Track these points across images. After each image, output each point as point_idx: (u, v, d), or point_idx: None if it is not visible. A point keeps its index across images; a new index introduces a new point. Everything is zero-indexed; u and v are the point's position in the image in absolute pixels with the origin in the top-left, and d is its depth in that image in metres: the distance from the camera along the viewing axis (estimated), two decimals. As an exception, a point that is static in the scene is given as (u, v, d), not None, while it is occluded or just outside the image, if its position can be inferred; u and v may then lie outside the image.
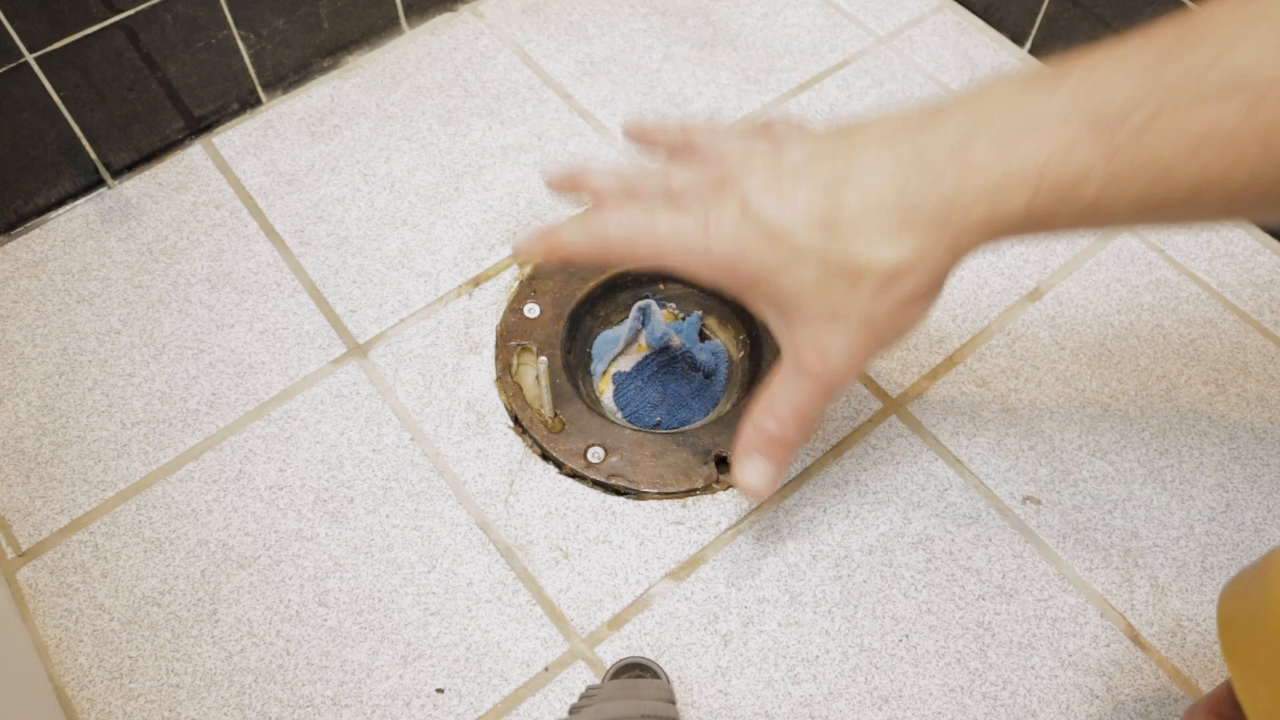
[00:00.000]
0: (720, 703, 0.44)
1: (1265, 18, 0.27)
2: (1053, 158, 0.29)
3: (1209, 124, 0.28)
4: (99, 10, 0.54)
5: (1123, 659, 0.45)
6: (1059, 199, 0.30)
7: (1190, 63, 0.28)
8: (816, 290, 0.33)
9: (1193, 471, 0.50)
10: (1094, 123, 0.29)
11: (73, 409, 0.52)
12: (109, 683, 0.45)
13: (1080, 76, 0.30)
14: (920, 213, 0.31)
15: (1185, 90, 0.28)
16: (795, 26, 0.68)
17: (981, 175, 0.30)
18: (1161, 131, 0.28)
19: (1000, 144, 0.30)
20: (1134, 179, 0.29)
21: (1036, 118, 0.30)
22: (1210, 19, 0.28)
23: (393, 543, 0.48)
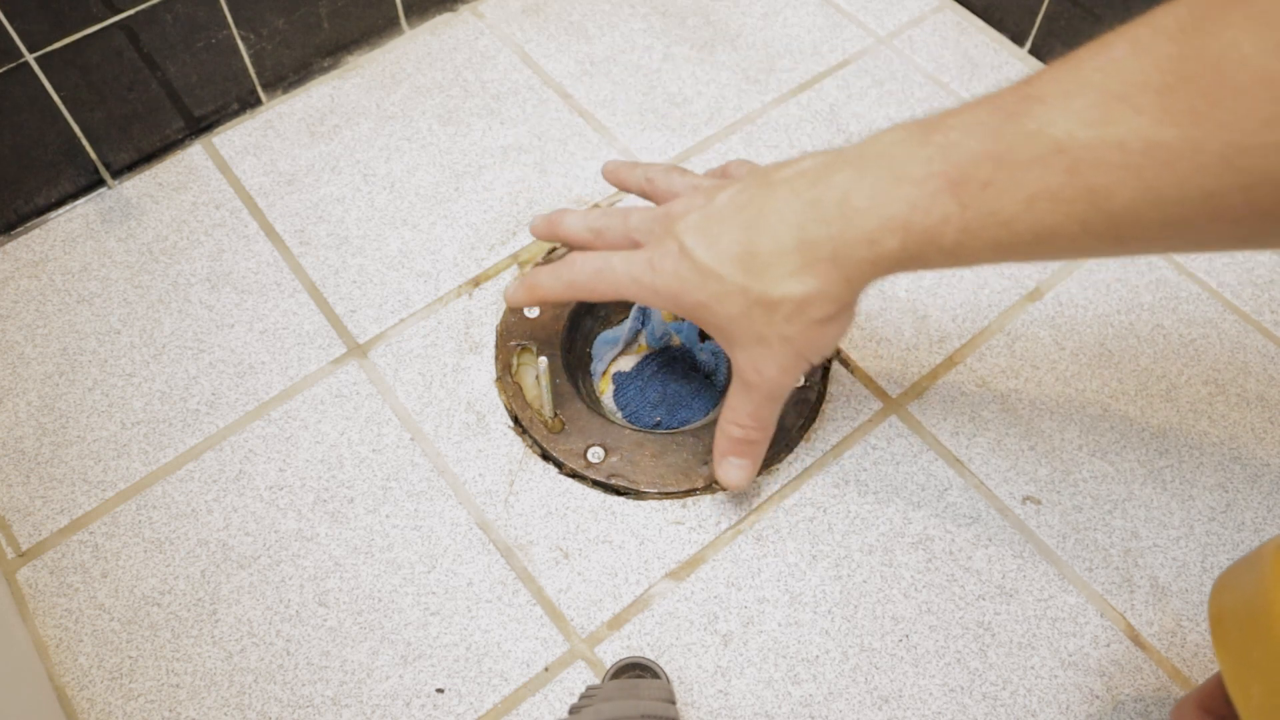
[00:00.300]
0: (720, 703, 0.44)
1: (1085, 87, 0.31)
2: (916, 209, 0.35)
3: (1039, 184, 0.32)
4: (99, 10, 0.54)
5: (1123, 659, 0.45)
6: (926, 243, 0.35)
7: (1024, 127, 0.32)
8: (743, 319, 0.40)
9: (1193, 471, 0.50)
10: (949, 180, 0.34)
11: (73, 409, 0.52)
12: (109, 683, 0.45)
13: (943, 133, 0.34)
14: (817, 254, 0.37)
15: (1020, 153, 0.32)
16: (795, 26, 0.68)
17: (861, 223, 0.36)
18: (1001, 189, 0.33)
19: (875, 196, 0.36)
20: (984, 228, 0.34)
21: (906, 173, 0.35)
22: (1045, 84, 0.32)
23: (393, 543, 0.48)
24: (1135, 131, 0.30)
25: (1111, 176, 0.31)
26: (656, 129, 0.63)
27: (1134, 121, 0.30)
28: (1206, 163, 0.29)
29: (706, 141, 0.62)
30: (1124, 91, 0.30)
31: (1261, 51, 0.27)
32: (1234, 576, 0.34)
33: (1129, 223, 0.32)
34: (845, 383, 0.53)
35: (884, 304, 0.56)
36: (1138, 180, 0.30)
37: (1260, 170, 0.28)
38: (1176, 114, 0.29)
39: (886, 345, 0.54)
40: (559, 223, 0.49)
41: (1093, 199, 0.31)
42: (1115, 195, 0.31)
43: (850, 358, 0.54)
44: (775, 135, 0.63)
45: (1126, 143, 0.30)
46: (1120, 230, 0.32)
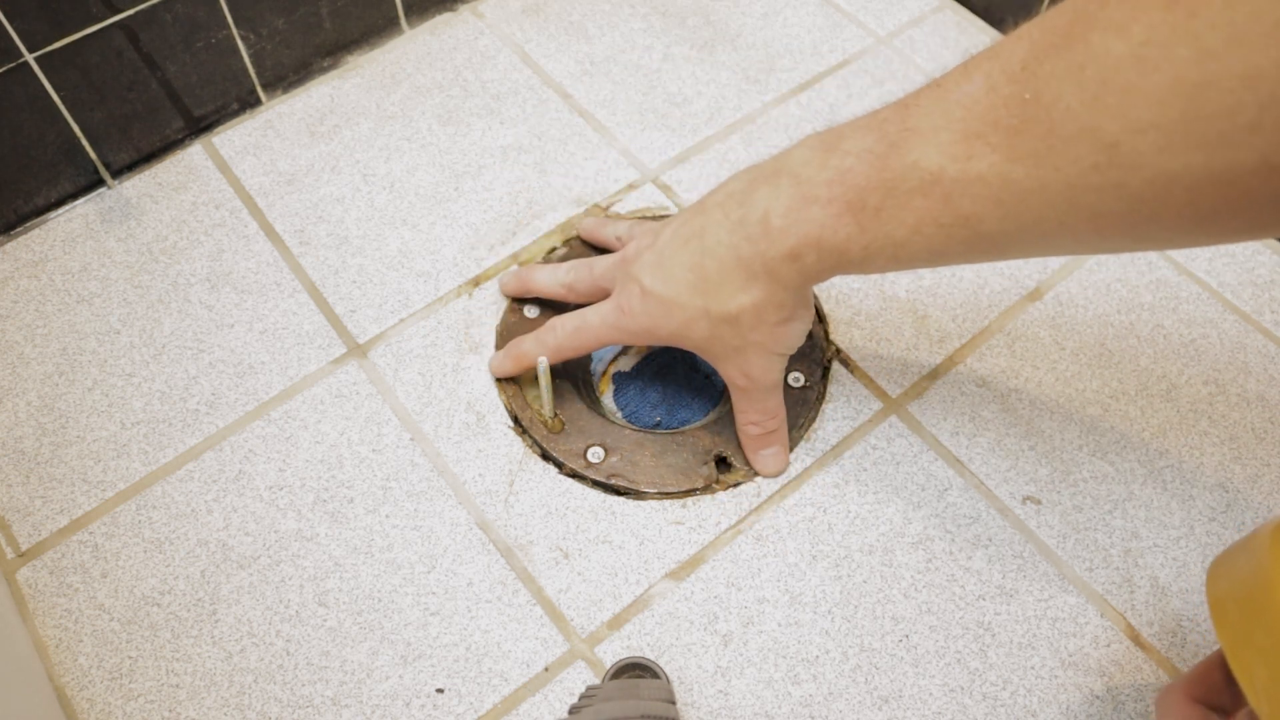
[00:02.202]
0: (720, 703, 0.44)
1: (950, 122, 0.34)
2: (824, 229, 0.38)
3: (921, 211, 0.35)
4: (99, 10, 0.54)
5: (1123, 659, 0.45)
6: (837, 257, 0.39)
7: (905, 159, 0.35)
8: (714, 336, 0.44)
9: (1193, 471, 0.50)
10: (848, 204, 0.37)
11: (73, 409, 0.52)
12: (109, 683, 0.45)
13: (839, 156, 0.37)
14: (754, 270, 0.41)
15: (903, 183, 0.35)
16: (795, 26, 0.68)
17: (782, 241, 0.39)
18: (891, 215, 0.36)
19: (788, 216, 0.39)
20: (882, 249, 0.37)
21: (813, 194, 0.38)
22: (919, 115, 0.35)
23: (393, 543, 0.48)
24: (992, 168, 0.33)
25: (978, 206, 0.34)
26: (656, 129, 0.63)
27: (990, 159, 0.33)
28: (1053, 199, 0.32)
29: (706, 141, 0.62)
30: (979, 130, 0.33)
31: (1082, 104, 0.30)
32: (1231, 560, 0.33)
33: (1003, 243, 0.35)
34: (845, 383, 0.53)
35: (884, 304, 0.56)
36: (1000, 210, 0.34)
37: (1098, 207, 0.32)
38: (1022, 155, 0.32)
39: (886, 345, 0.54)
40: (529, 279, 0.53)
41: (967, 224, 0.35)
42: (985, 221, 0.34)
43: (850, 358, 0.54)
44: (775, 135, 0.63)
45: (986, 178, 0.33)
46: (998, 248, 0.36)
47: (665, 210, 0.59)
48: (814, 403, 0.52)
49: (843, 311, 0.55)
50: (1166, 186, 0.30)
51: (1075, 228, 0.33)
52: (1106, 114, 0.30)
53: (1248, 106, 0.27)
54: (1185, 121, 0.28)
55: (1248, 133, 0.27)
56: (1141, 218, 0.31)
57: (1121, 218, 0.32)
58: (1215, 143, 0.28)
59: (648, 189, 0.60)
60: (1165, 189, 0.30)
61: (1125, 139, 0.29)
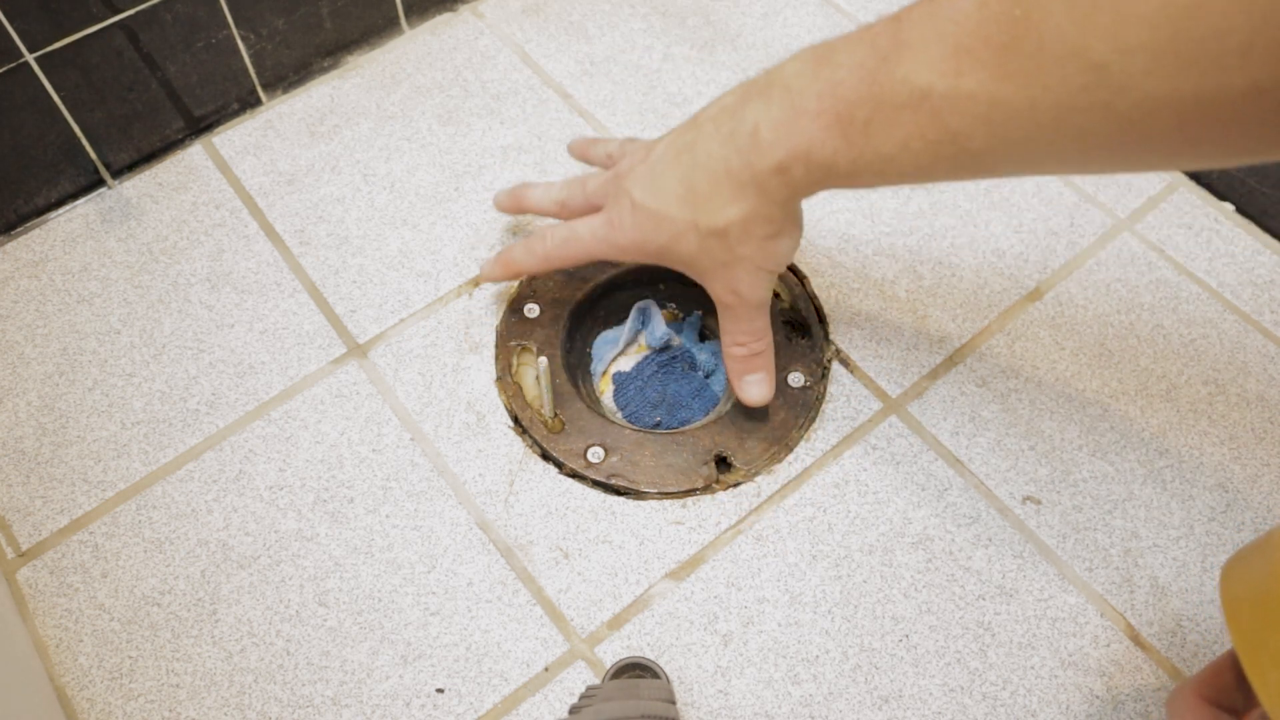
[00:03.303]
0: (720, 703, 0.44)
1: (940, 37, 0.34)
2: (813, 142, 0.38)
3: (910, 127, 0.35)
4: (99, 10, 0.54)
5: (1123, 659, 0.45)
6: (825, 171, 0.39)
7: (895, 73, 0.35)
8: (702, 251, 0.44)
9: (1193, 471, 0.50)
10: (836, 116, 0.37)
11: (73, 409, 0.52)
12: (109, 683, 0.45)
13: (831, 69, 0.37)
14: (742, 182, 0.41)
15: (893, 97, 0.35)
16: (795, 26, 0.68)
17: (771, 154, 0.40)
18: (880, 130, 0.36)
19: (778, 129, 0.39)
20: (870, 162, 0.37)
21: (803, 107, 0.38)
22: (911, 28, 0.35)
23: (393, 543, 0.48)
24: (981, 85, 0.33)
25: (966, 123, 0.34)
26: (656, 129, 0.63)
27: (980, 75, 0.33)
28: (1041, 119, 0.32)
29: (706, 141, 0.62)
30: (970, 45, 0.33)
31: (1071, 25, 0.30)
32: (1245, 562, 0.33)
33: (990, 161, 0.35)
34: (845, 383, 0.53)
35: (884, 304, 0.56)
36: (988, 128, 0.33)
37: (1086, 128, 0.31)
38: (1012, 73, 0.32)
39: (886, 345, 0.54)
40: (524, 196, 0.54)
41: (955, 141, 0.35)
42: (973, 139, 0.34)
43: (850, 358, 0.54)
44: (775, 135, 0.62)
45: (975, 95, 0.33)
46: (985, 165, 0.36)
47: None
48: (814, 403, 0.52)
49: (843, 311, 0.55)
50: (1154, 109, 0.29)
51: (1062, 148, 0.33)
52: (1096, 34, 0.29)
53: (1239, 29, 0.27)
54: (1175, 43, 0.28)
55: (1239, 56, 0.27)
56: (1129, 139, 0.31)
57: (1108, 139, 0.32)
58: (1205, 65, 0.28)
59: (648, 189, 0.60)
60: (1153, 112, 0.30)
61: (1114, 60, 0.29)
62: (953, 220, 0.59)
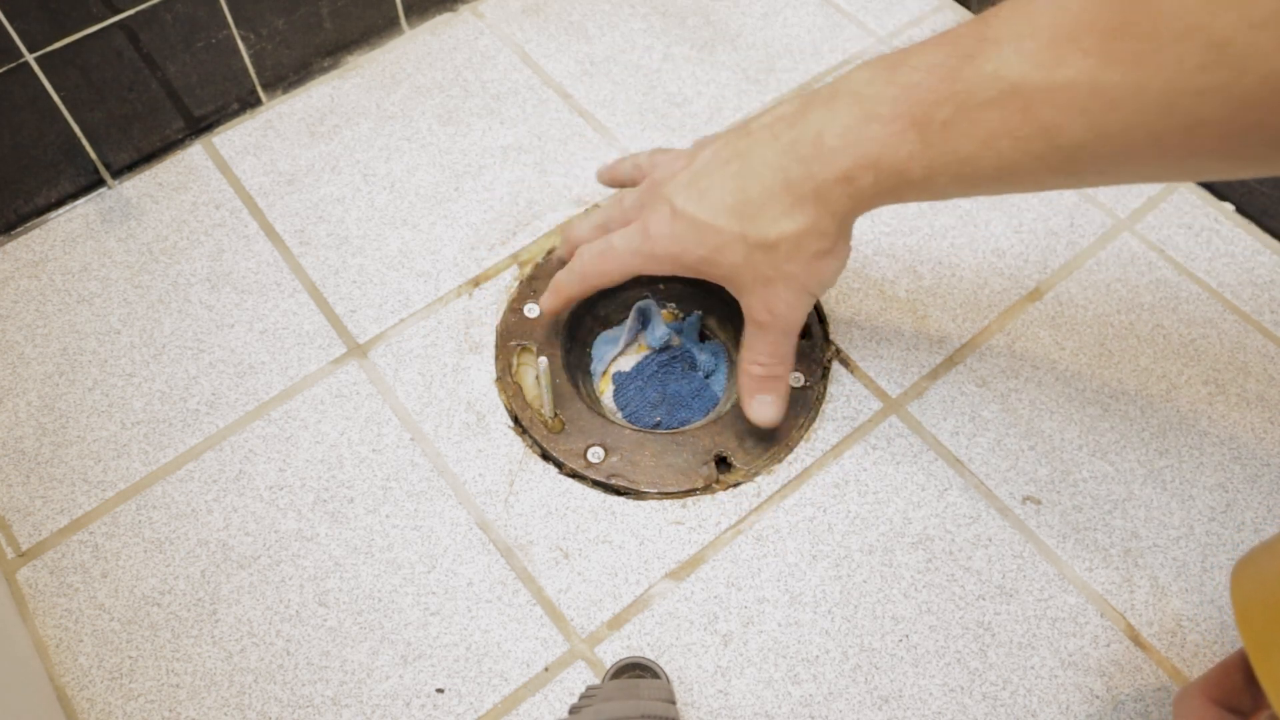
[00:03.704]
0: (720, 703, 0.44)
1: (1036, 29, 0.32)
2: (885, 148, 0.37)
3: (996, 124, 0.34)
4: (99, 10, 0.54)
5: (1123, 659, 0.45)
6: (896, 178, 0.37)
7: (981, 69, 0.34)
8: (746, 264, 0.42)
9: (1193, 471, 0.50)
10: (913, 119, 0.36)
11: (73, 409, 0.52)
12: (109, 683, 0.45)
13: (907, 73, 0.36)
14: (802, 193, 0.39)
15: (976, 95, 0.34)
16: (795, 26, 0.68)
17: (836, 163, 0.38)
18: (961, 129, 0.35)
19: (846, 135, 0.38)
20: (947, 165, 0.36)
21: (875, 112, 0.37)
22: (1000, 25, 0.34)
23: (393, 543, 0.48)
24: (1083, 73, 0.31)
25: (1063, 116, 0.32)
26: (656, 129, 0.63)
27: (1081, 64, 0.31)
28: (1148, 105, 0.30)
29: (706, 141, 0.62)
30: (1072, 34, 0.31)
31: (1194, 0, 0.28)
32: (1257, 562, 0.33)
33: (1082, 158, 0.33)
34: (845, 383, 0.53)
35: (884, 304, 0.56)
36: (1086, 119, 0.32)
37: (1197, 113, 0.30)
38: (1120, 58, 0.30)
39: (886, 345, 0.54)
40: (571, 239, 0.51)
41: (1047, 137, 0.33)
42: (1067, 133, 0.33)
43: (850, 358, 0.54)
44: (775, 135, 0.62)
45: (1075, 84, 0.32)
46: (1075, 165, 0.34)
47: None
48: (814, 403, 0.52)
49: (843, 311, 0.55)
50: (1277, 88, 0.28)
51: (1165, 139, 0.31)
52: (1220, 9, 0.28)
53: None
54: None
55: None
56: (1242, 126, 0.29)
57: (1220, 126, 0.30)
58: None
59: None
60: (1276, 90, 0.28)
61: (1240, 35, 0.28)
62: (953, 220, 0.59)
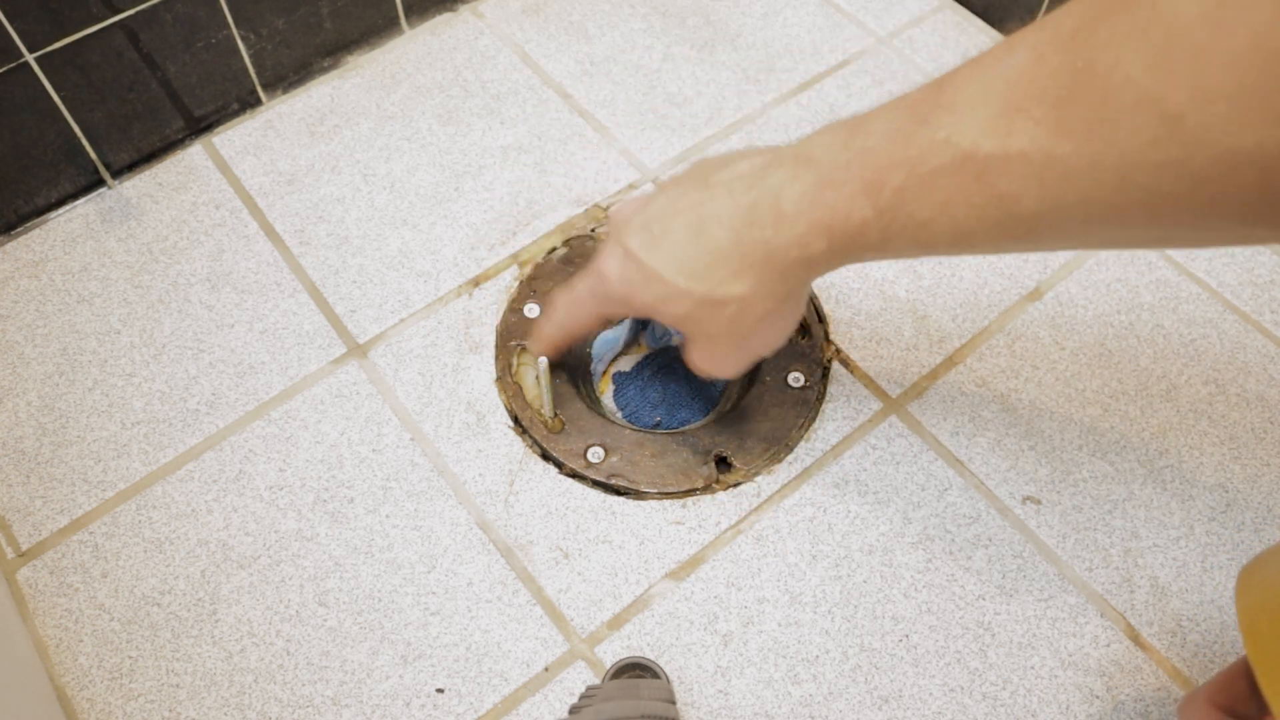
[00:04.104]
0: (720, 703, 0.44)
1: (988, 96, 0.32)
2: (837, 214, 0.36)
3: (950, 190, 0.33)
4: (99, 10, 0.54)
5: (1123, 659, 0.45)
6: (850, 242, 0.37)
7: (934, 135, 0.33)
8: (692, 318, 0.41)
9: (1193, 471, 0.50)
10: (864, 185, 0.35)
11: (73, 409, 0.52)
12: (109, 683, 0.45)
13: (862, 137, 0.36)
14: (753, 258, 0.39)
15: (929, 161, 0.33)
16: (795, 26, 0.68)
17: (791, 226, 0.37)
18: (915, 194, 0.34)
19: (801, 201, 0.37)
20: (903, 229, 0.35)
21: (829, 178, 0.36)
22: (954, 91, 0.33)
23: (393, 543, 0.48)
24: (1035, 143, 0.30)
25: (1016, 185, 0.31)
26: (656, 129, 0.63)
27: (1033, 133, 0.30)
28: (1103, 178, 0.29)
29: (706, 141, 0.62)
30: (1023, 103, 0.31)
31: (1144, 71, 0.27)
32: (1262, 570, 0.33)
33: (1039, 226, 0.32)
34: (845, 383, 0.53)
35: (884, 304, 0.56)
36: (1041, 190, 0.31)
37: (1156, 188, 0.29)
38: (1071, 129, 0.29)
39: (886, 345, 0.54)
40: None
41: (1002, 204, 0.32)
42: (1023, 202, 0.32)
43: (850, 358, 0.54)
44: (775, 135, 0.62)
45: (1028, 154, 0.31)
46: (1033, 233, 0.33)
47: (665, 210, 0.59)
48: (814, 403, 0.52)
49: (843, 311, 0.55)
50: (1235, 165, 0.27)
51: (1125, 211, 0.30)
52: (1172, 81, 0.27)
53: None
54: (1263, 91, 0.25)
55: None
56: (1202, 201, 0.28)
57: (1179, 200, 0.29)
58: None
59: (648, 189, 0.60)
60: (1234, 168, 0.27)
61: (1191, 110, 0.26)
62: (953, 220, 0.59)
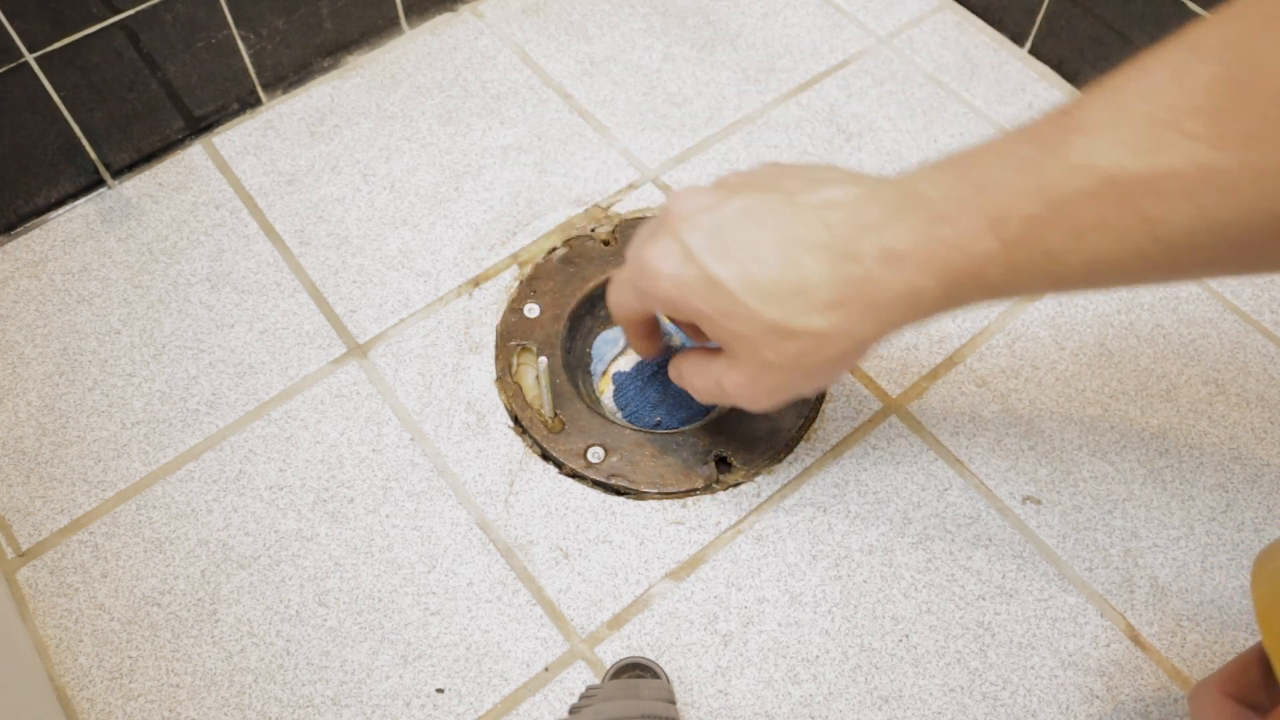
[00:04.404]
0: (720, 703, 0.44)
1: (1128, 115, 0.30)
2: (954, 250, 0.33)
3: (1088, 216, 0.31)
4: (99, 10, 0.54)
5: (1123, 659, 0.45)
6: (968, 281, 0.34)
7: (1067, 160, 0.31)
8: (748, 340, 0.37)
9: (1193, 471, 0.50)
10: (988, 218, 0.32)
11: (73, 409, 0.52)
12: (109, 683, 0.45)
13: (979, 169, 0.33)
14: (846, 295, 0.35)
15: (1066, 186, 0.31)
16: (795, 26, 0.68)
17: (898, 265, 0.34)
18: (1048, 224, 0.32)
19: (909, 238, 0.34)
20: (1032, 263, 0.32)
21: (941, 213, 0.33)
22: (1084, 114, 0.31)
23: (393, 543, 0.48)
24: (1189, 158, 0.29)
25: (1167, 205, 0.30)
26: (656, 129, 0.63)
27: (1186, 148, 0.29)
28: (1268, 187, 0.28)
29: (706, 141, 0.62)
30: (1171, 118, 0.29)
31: None
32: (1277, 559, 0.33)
33: (1188, 249, 0.30)
34: (845, 383, 0.53)
35: (884, 304, 0.56)
36: (1195, 208, 0.29)
37: None
38: (1231, 138, 0.28)
39: (887, 345, 0.54)
40: None
41: (1148, 228, 0.30)
42: (1172, 223, 0.30)
43: (850, 358, 0.54)
44: (775, 135, 0.63)
45: (1181, 171, 0.29)
46: (1178, 257, 0.31)
47: (665, 210, 0.59)
48: (814, 403, 0.52)
49: (843, 311, 0.55)
50: None
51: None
52: None
53: None
54: None
55: None
56: None
57: None
58: None
59: (648, 189, 0.60)
60: None
61: None
62: (953, 220, 0.59)
